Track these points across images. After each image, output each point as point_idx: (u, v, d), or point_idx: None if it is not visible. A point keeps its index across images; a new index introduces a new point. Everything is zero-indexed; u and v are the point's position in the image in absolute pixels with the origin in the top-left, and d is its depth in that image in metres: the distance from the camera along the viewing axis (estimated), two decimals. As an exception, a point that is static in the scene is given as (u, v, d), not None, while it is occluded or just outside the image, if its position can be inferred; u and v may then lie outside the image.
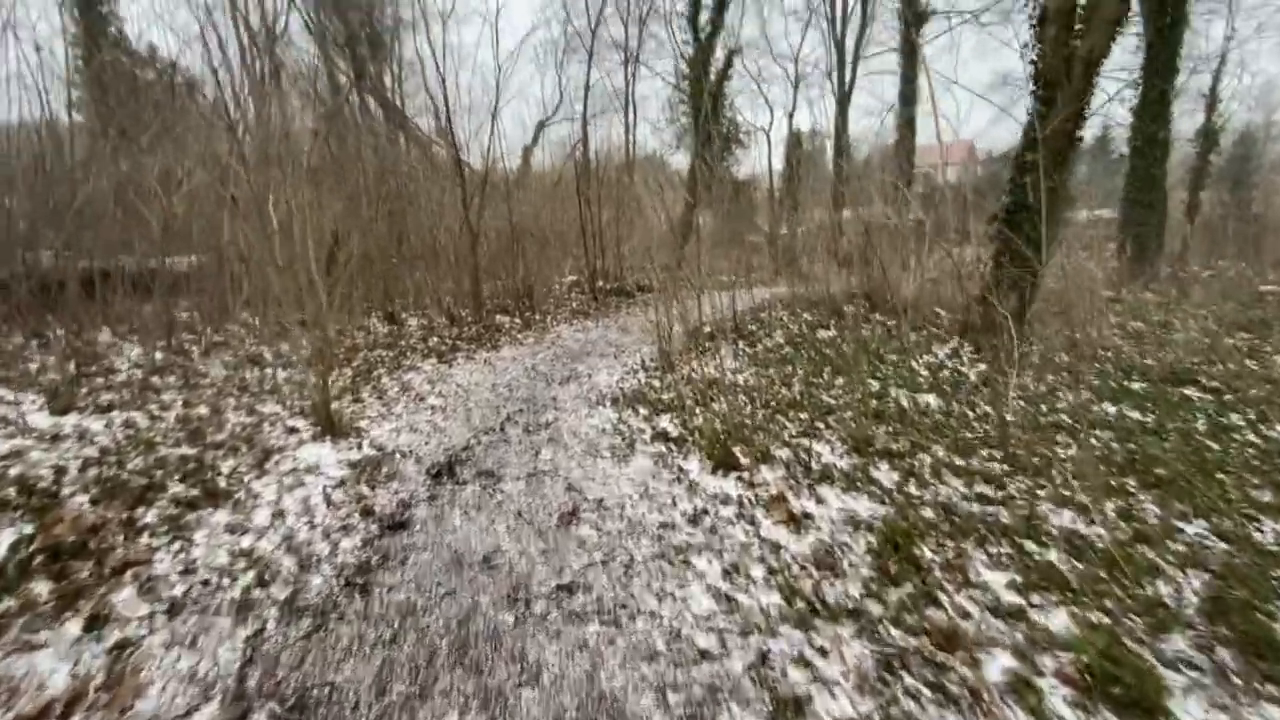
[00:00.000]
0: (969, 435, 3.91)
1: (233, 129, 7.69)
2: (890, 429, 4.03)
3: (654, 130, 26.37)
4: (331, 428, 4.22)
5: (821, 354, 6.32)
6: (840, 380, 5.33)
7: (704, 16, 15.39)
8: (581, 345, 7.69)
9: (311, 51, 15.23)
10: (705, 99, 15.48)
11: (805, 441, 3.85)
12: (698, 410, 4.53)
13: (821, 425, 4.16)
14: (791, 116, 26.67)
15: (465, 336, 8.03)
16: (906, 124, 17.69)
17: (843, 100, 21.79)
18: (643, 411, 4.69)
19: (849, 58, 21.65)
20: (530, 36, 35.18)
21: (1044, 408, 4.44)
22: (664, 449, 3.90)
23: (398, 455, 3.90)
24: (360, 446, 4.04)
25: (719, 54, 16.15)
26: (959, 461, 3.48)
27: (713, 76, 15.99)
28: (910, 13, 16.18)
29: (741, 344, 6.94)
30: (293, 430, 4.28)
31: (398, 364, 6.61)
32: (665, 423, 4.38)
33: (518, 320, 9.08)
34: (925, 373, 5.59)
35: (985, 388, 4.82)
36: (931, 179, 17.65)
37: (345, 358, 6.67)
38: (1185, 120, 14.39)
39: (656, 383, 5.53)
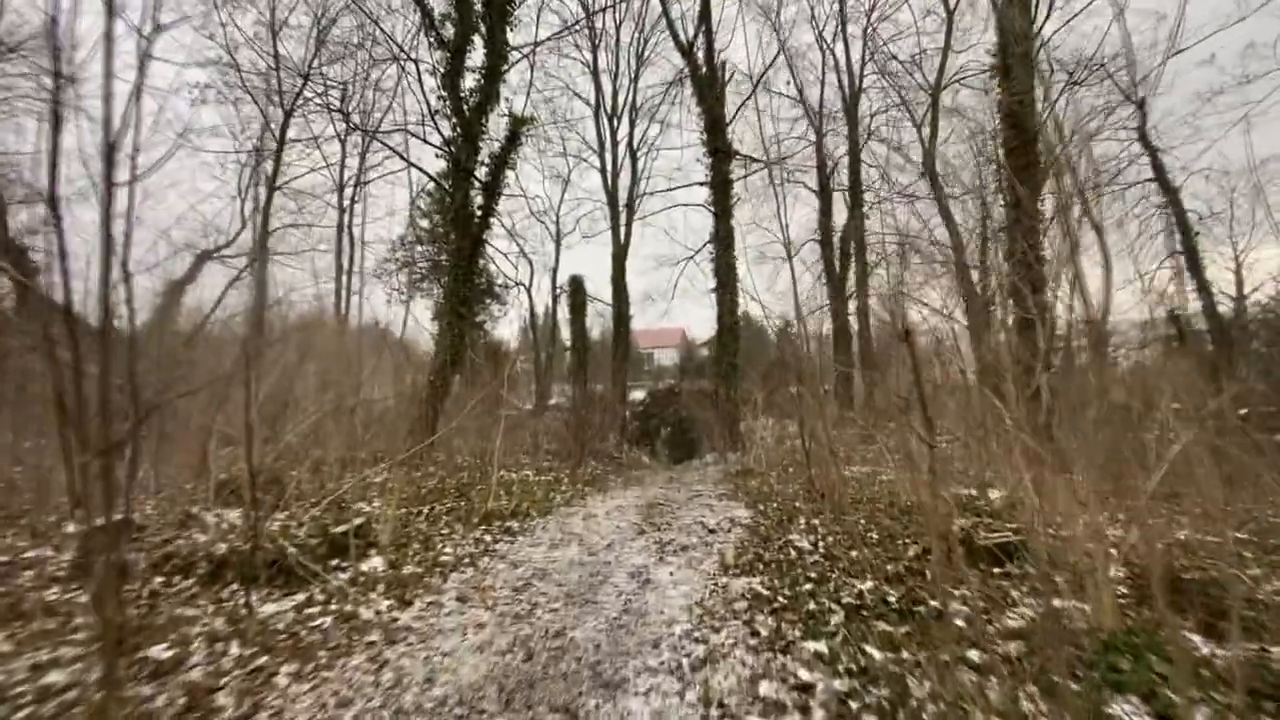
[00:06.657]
0: None
1: None
2: None
3: (381, 271, 21.06)
4: None
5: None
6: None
7: (469, 81, 11.54)
8: None
9: None
10: (473, 193, 11.39)
11: None
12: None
13: None
14: (555, 272, 23.21)
15: None
16: (724, 255, 15.12)
17: (619, 254, 19.40)
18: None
19: (622, 207, 19.81)
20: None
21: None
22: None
23: None
24: None
25: (496, 123, 12.08)
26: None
27: (486, 161, 11.82)
28: (718, 149, 14.80)
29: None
30: None
31: None
32: None
33: None
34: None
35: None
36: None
37: None
38: None
39: None
